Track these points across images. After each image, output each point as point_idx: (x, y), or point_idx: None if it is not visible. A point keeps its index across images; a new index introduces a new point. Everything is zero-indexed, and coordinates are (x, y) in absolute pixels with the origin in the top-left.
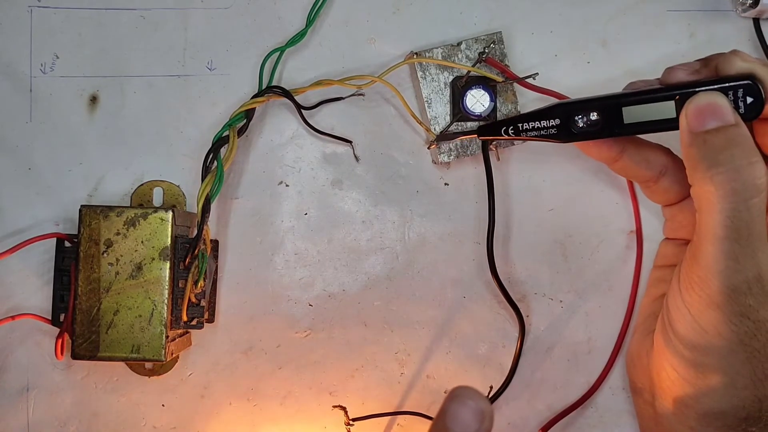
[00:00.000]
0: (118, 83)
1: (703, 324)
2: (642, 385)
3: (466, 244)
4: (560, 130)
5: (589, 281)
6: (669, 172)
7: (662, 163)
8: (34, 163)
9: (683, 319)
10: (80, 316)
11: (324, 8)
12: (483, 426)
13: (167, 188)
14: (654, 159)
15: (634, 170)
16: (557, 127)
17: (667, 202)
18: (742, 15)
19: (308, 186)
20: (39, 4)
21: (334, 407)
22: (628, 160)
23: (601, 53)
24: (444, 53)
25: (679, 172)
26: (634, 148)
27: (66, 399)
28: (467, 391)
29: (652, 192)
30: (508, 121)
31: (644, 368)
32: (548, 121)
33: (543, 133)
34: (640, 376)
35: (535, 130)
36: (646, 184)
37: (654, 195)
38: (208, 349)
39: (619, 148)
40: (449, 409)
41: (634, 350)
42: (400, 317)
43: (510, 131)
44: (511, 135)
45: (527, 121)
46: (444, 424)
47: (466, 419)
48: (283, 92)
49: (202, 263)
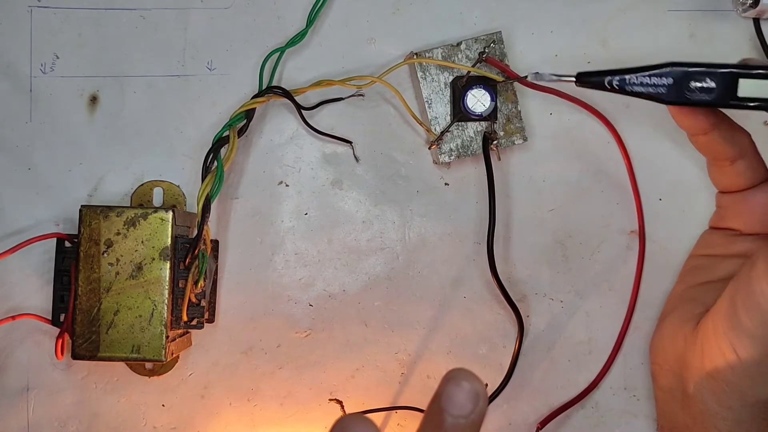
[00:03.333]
0: (118, 83)
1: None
2: (670, 367)
3: (466, 244)
4: (671, 91)
5: (589, 281)
6: (747, 156)
7: (744, 146)
8: (34, 163)
9: (758, 307)
10: (80, 316)
11: (324, 8)
12: (478, 407)
13: (167, 188)
14: (739, 140)
15: (719, 147)
16: (668, 87)
17: (732, 187)
18: (742, 15)
19: (308, 186)
20: (39, 4)
21: (330, 400)
22: (718, 135)
23: (601, 53)
24: (444, 53)
25: (756, 160)
26: (726, 126)
27: (66, 399)
28: (462, 372)
29: (724, 173)
30: (614, 71)
31: (678, 351)
32: (660, 79)
33: (651, 91)
34: (668, 359)
35: (643, 86)
36: (721, 164)
37: (724, 177)
38: (208, 349)
39: (714, 120)
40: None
41: (666, 334)
42: (401, 317)
43: (615, 83)
44: (616, 88)
45: (637, 74)
46: (439, 406)
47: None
48: (283, 92)
49: (202, 263)
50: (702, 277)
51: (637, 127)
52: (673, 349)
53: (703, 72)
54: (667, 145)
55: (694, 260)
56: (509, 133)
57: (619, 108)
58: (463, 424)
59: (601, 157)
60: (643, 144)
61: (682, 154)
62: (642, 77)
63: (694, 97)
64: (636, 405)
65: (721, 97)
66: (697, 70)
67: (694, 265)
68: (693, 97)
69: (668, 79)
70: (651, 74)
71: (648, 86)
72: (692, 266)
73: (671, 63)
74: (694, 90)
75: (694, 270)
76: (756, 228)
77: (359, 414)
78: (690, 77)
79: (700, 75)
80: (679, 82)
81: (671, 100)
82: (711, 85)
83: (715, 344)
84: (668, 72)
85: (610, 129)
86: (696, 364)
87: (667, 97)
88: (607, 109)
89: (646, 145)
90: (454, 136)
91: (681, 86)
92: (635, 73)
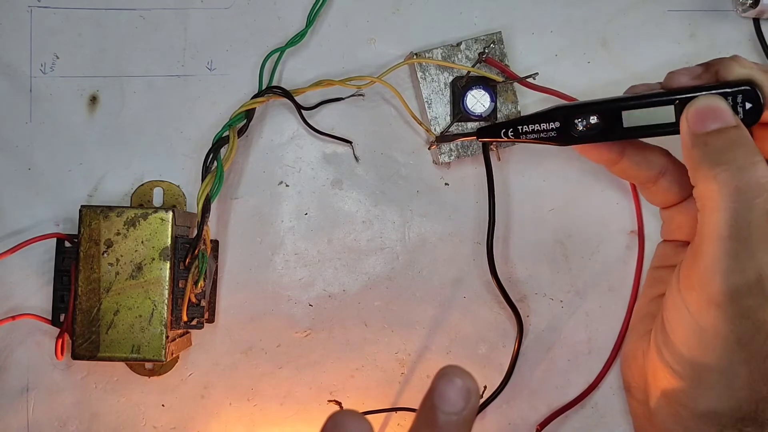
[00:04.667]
0: (118, 83)
1: (702, 324)
2: (636, 384)
3: (466, 244)
4: (560, 133)
5: (589, 281)
6: (668, 173)
7: (662, 164)
8: (34, 163)
9: (682, 319)
10: (80, 316)
11: (324, 8)
12: (469, 404)
13: (167, 188)
14: (654, 160)
15: (634, 172)
16: (557, 130)
17: (666, 203)
18: (742, 15)
19: (308, 186)
20: (39, 4)
21: (329, 401)
22: (628, 162)
23: (602, 53)
24: (444, 53)
25: (678, 173)
26: (634, 150)
27: (66, 399)
28: (454, 369)
29: (651, 193)
30: (507, 123)
31: (639, 368)
32: (548, 124)
33: (543, 136)
34: (635, 375)
35: (535, 133)
36: (645, 186)
37: (653, 196)
38: (208, 349)
39: (619, 150)
40: (437, 387)
41: (629, 350)
42: (401, 317)
43: (510, 134)
44: (511, 137)
45: (527, 124)
46: (432, 403)
47: (452, 397)
48: (283, 92)
49: (202, 263)
50: (659, 290)
51: None
52: (635, 366)
53: (583, 111)
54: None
55: (653, 272)
56: None
57: None
58: (455, 421)
59: None
60: None
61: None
62: (532, 125)
63: (582, 135)
64: None
65: (608, 130)
66: (578, 110)
67: (652, 277)
68: (581, 135)
69: (555, 123)
70: (539, 121)
71: (540, 132)
72: (652, 278)
73: (555, 107)
74: (581, 128)
75: (653, 283)
76: None
77: (352, 411)
78: (574, 117)
79: (582, 114)
80: (565, 124)
81: (563, 141)
82: (595, 121)
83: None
84: (553, 116)
85: None
86: (651, 380)
87: (559, 140)
88: None
89: None
90: None
91: (567, 127)
92: (526, 123)
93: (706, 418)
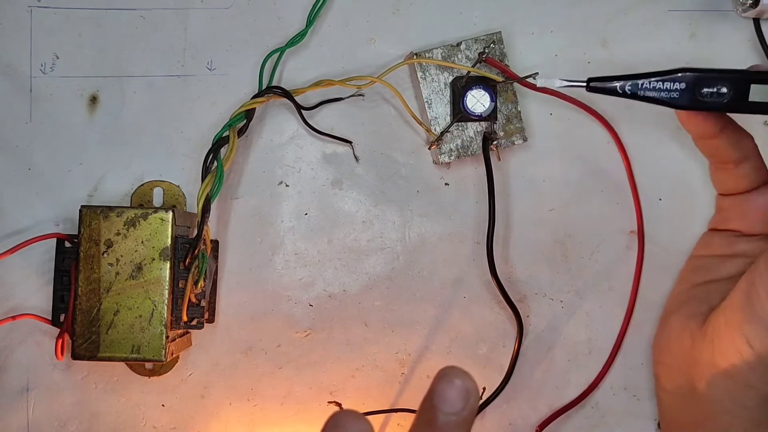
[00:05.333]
0: (118, 83)
1: None
2: (677, 367)
3: (466, 244)
4: (683, 96)
5: (589, 281)
6: (751, 159)
7: (749, 148)
8: (34, 163)
9: None
10: (80, 317)
11: (324, 8)
12: (468, 404)
13: (167, 188)
14: (745, 144)
15: (725, 150)
16: (681, 92)
17: (735, 189)
18: (742, 15)
19: (308, 186)
20: (39, 4)
21: (329, 403)
22: (725, 139)
23: (602, 53)
24: (444, 53)
25: (758, 162)
26: (732, 130)
27: (66, 399)
28: (454, 370)
29: (728, 176)
30: (625, 76)
31: (685, 351)
32: (673, 84)
33: (664, 96)
34: (675, 358)
35: (656, 91)
36: (726, 167)
37: (727, 179)
38: (208, 349)
39: (722, 124)
40: (437, 388)
41: (672, 333)
42: (401, 317)
43: (627, 89)
44: (628, 93)
45: (649, 79)
46: (431, 403)
47: (452, 397)
48: (283, 92)
49: (202, 263)
50: (704, 277)
51: (638, 128)
52: (679, 348)
53: (715, 77)
54: (667, 145)
55: (696, 260)
56: (509, 133)
57: (619, 109)
58: (454, 421)
59: (601, 157)
60: (643, 144)
61: (682, 154)
62: (655, 83)
63: (707, 101)
64: (636, 405)
65: (733, 102)
66: (709, 77)
67: (695, 265)
68: (705, 101)
69: (681, 84)
70: (663, 79)
71: (661, 91)
72: (694, 266)
73: (683, 68)
74: (707, 95)
75: (696, 270)
76: (758, 229)
77: (353, 411)
78: (702, 82)
79: (712, 80)
80: (692, 88)
81: (684, 105)
82: (723, 90)
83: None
84: (681, 77)
85: (608, 129)
86: (706, 361)
87: (680, 102)
88: (607, 110)
89: (646, 145)
90: (454, 137)
91: (693, 91)
92: (647, 78)
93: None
